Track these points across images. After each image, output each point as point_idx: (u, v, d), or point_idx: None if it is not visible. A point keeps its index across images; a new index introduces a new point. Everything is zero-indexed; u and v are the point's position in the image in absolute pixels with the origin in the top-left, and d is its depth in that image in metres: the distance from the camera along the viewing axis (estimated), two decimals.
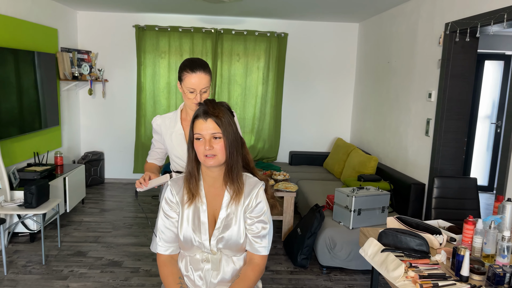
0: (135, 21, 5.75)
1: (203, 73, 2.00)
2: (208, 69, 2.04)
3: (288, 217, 4.09)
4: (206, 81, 2.02)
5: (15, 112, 4.10)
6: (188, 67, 2.00)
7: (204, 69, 2.01)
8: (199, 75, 1.99)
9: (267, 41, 5.85)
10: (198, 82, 1.99)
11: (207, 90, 2.05)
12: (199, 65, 2.00)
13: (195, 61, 2.02)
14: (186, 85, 2.01)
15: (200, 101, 1.99)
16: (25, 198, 3.39)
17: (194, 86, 2.00)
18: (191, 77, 1.99)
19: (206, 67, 2.03)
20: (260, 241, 1.57)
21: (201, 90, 2.02)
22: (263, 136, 6.09)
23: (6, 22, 4.03)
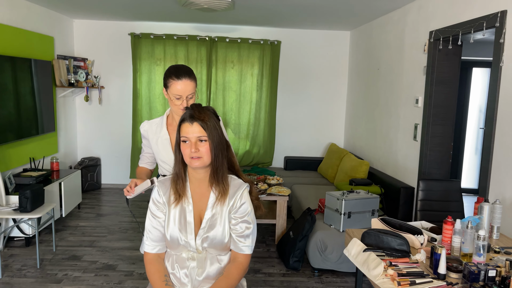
0: (131, 29, 5.85)
1: (188, 79, 2.06)
2: (193, 76, 2.10)
3: (281, 221, 4.15)
4: (192, 87, 2.08)
5: (12, 118, 4.18)
6: (173, 74, 2.06)
7: (189, 76, 2.07)
8: (185, 82, 2.05)
9: (261, 48, 5.95)
10: (184, 89, 2.05)
11: (193, 96, 2.11)
12: (185, 72, 2.06)
13: (180, 68, 2.07)
14: (172, 91, 2.06)
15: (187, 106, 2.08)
16: (20, 203, 3.45)
17: (180, 93, 2.05)
18: (177, 84, 2.04)
19: (191, 73, 2.09)
20: (244, 240, 1.64)
21: (187, 96, 2.07)
22: (258, 142, 6.17)
23: (3, 30, 4.11)
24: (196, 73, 5.90)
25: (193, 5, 4.18)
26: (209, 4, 4.14)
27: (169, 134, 2.19)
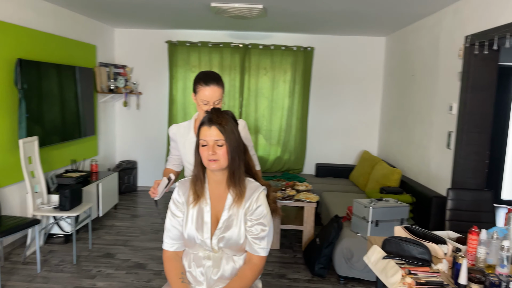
0: (168, 37, 6.06)
1: (216, 86, 2.13)
2: (221, 82, 2.17)
3: (309, 227, 4.15)
4: (219, 94, 2.15)
5: (57, 122, 4.45)
6: (202, 80, 2.14)
7: (217, 82, 2.13)
8: (213, 88, 2.12)
9: (294, 55, 5.98)
10: (211, 95, 2.12)
11: (220, 101, 2.17)
12: (213, 78, 2.13)
13: (208, 74, 2.15)
14: (200, 97, 2.14)
15: None
16: (60, 201, 3.66)
17: (208, 98, 2.12)
18: (205, 89, 2.12)
19: (219, 80, 2.16)
20: (259, 242, 1.67)
21: (214, 102, 2.14)
22: (289, 148, 6.19)
23: (50, 39, 4.40)
24: (229, 79, 6.02)
25: (226, 12, 4.29)
26: (241, 11, 4.23)
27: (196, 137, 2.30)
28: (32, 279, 3.33)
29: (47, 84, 4.22)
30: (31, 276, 3.38)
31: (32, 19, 4.12)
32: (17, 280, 3.30)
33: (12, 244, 3.90)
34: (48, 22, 4.39)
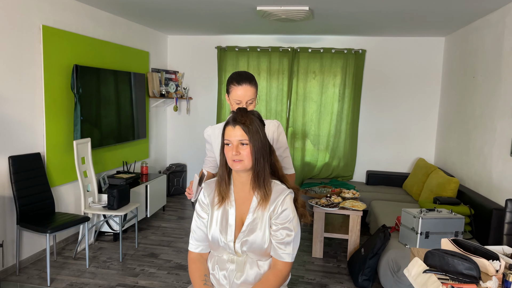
0: (218, 42, 6.15)
1: (248, 85, 2.10)
2: (254, 82, 2.14)
3: (354, 237, 3.97)
4: (251, 93, 2.11)
5: (114, 125, 4.66)
6: (234, 80, 2.11)
7: (249, 82, 2.10)
8: (245, 88, 2.09)
9: (344, 58, 5.82)
10: (243, 94, 2.09)
11: (253, 101, 2.14)
12: (245, 78, 2.10)
13: (241, 74, 2.12)
14: (233, 97, 2.11)
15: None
16: (108, 201, 3.80)
17: (240, 98, 2.09)
18: (237, 89, 2.09)
19: (252, 79, 2.13)
20: (284, 247, 1.60)
21: (247, 101, 2.11)
22: (338, 154, 6.00)
23: (106, 46, 4.63)
24: (277, 84, 5.98)
25: (272, 16, 4.26)
26: (287, 14, 4.18)
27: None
28: (80, 274, 3.48)
29: (101, 89, 4.43)
30: (79, 271, 3.53)
31: (90, 28, 4.36)
32: (66, 274, 3.46)
33: (66, 240, 4.12)
34: (104, 30, 4.63)
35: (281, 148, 2.20)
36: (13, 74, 3.40)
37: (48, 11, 3.74)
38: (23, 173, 3.44)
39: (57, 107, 3.87)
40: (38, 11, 3.62)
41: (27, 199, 3.42)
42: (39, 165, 3.61)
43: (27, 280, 3.34)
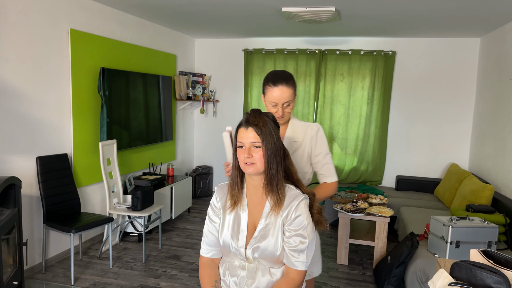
0: (244, 45, 6.14)
1: (285, 86, 1.93)
2: (291, 82, 1.96)
3: (381, 244, 3.83)
4: (288, 95, 1.94)
5: (137, 127, 4.73)
6: (270, 80, 1.96)
7: (286, 82, 1.93)
8: (281, 89, 1.92)
9: (373, 60, 5.67)
10: (279, 96, 1.93)
11: (290, 103, 1.97)
12: (281, 78, 1.94)
13: (277, 74, 1.96)
14: (268, 98, 1.97)
15: (282, 115, 1.96)
16: (132, 202, 3.84)
17: (276, 100, 1.94)
18: (273, 90, 1.93)
19: (289, 79, 1.95)
20: (298, 255, 1.53)
21: (284, 103, 1.95)
22: (367, 158, 5.85)
23: (133, 49, 4.70)
24: (304, 86, 5.89)
25: (297, 17, 4.20)
26: (312, 15, 4.11)
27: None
28: (104, 274, 3.52)
29: (128, 91, 4.50)
30: (103, 271, 3.58)
31: (117, 31, 4.44)
32: (90, 274, 3.52)
33: (92, 239, 4.19)
34: (131, 34, 4.71)
35: (321, 154, 2.03)
36: (42, 77, 3.50)
37: (76, 15, 3.83)
38: (50, 173, 3.53)
39: (84, 109, 3.96)
40: (66, 15, 3.72)
41: (53, 198, 3.51)
42: (66, 166, 3.69)
43: (52, 278, 3.41)
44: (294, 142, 2.03)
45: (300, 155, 2.04)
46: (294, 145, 2.04)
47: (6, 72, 3.16)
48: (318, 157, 2.04)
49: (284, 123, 2.05)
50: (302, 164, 2.04)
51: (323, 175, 2.06)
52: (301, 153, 2.04)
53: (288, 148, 2.01)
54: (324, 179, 2.06)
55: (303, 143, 2.03)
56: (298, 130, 2.04)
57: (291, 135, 2.04)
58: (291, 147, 2.03)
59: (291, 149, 2.03)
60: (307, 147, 2.03)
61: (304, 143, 2.03)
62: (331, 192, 2.06)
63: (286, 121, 2.04)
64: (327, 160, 2.05)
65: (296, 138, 2.04)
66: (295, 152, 2.02)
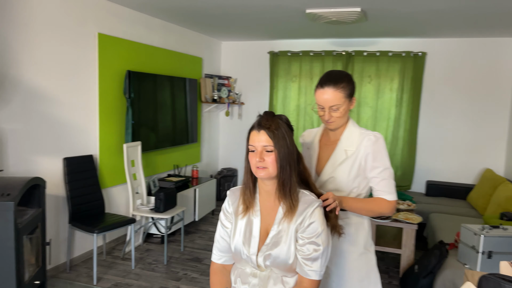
0: (270, 47, 6.10)
1: (332, 88, 1.76)
2: (342, 85, 1.77)
3: (408, 252, 3.68)
4: (336, 98, 1.76)
5: (162, 129, 4.79)
6: (320, 81, 1.82)
7: (334, 85, 1.76)
8: (327, 91, 1.77)
9: (402, 61, 5.49)
10: (325, 99, 1.78)
11: (339, 108, 1.77)
12: (330, 79, 1.78)
13: (329, 75, 1.81)
14: (316, 100, 1.84)
15: (329, 120, 1.79)
16: (155, 203, 3.87)
17: (321, 103, 1.79)
18: (319, 93, 1.80)
19: (339, 82, 1.77)
20: (311, 264, 1.47)
21: (331, 107, 1.77)
22: (395, 162, 5.67)
23: (158, 52, 4.75)
24: None
25: (322, 18, 4.12)
26: (337, 16, 4.02)
27: (319, 148, 1.94)
28: (126, 275, 3.55)
29: (154, 94, 4.55)
30: (125, 272, 3.62)
31: (143, 34, 4.50)
32: (113, 274, 3.56)
33: (116, 239, 4.25)
34: (157, 37, 4.76)
35: (377, 168, 1.77)
36: (70, 80, 3.58)
37: (103, 19, 3.91)
38: (76, 174, 3.60)
39: (110, 111, 4.02)
40: (94, 20, 3.80)
41: (79, 199, 3.57)
42: (91, 167, 3.76)
43: (76, 278, 3.47)
44: (346, 151, 1.81)
45: (348, 166, 1.80)
46: (344, 155, 1.82)
47: (35, 75, 3.25)
48: (375, 171, 1.78)
49: (338, 129, 1.86)
50: (349, 178, 1.81)
51: (380, 191, 1.79)
52: (349, 165, 1.80)
53: (337, 158, 1.82)
54: (378, 194, 1.80)
55: (356, 154, 1.79)
56: (353, 138, 1.82)
57: (344, 142, 1.83)
58: (340, 156, 1.82)
59: (340, 158, 1.81)
60: (359, 158, 1.79)
61: (356, 154, 1.79)
62: (384, 210, 1.78)
63: (338, 127, 1.84)
64: (385, 175, 1.77)
65: (349, 147, 1.81)
66: (343, 163, 1.80)
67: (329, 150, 1.90)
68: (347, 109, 1.82)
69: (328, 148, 1.91)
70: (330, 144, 1.91)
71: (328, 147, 1.91)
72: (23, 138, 3.18)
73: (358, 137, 1.82)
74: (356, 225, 1.87)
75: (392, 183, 1.80)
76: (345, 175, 1.82)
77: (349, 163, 1.81)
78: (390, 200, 1.78)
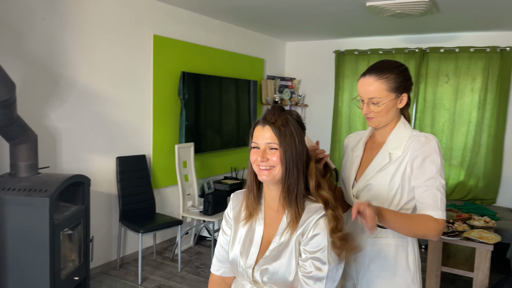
0: (336, 46, 5.78)
1: (372, 78, 1.51)
2: (387, 75, 1.51)
3: (481, 275, 3.16)
4: (376, 90, 1.51)
5: (219, 130, 4.79)
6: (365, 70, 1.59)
7: (376, 74, 1.51)
8: (366, 80, 1.53)
9: (486, 58, 4.84)
10: (363, 89, 1.55)
11: (379, 102, 1.51)
12: (375, 67, 1.55)
13: (377, 63, 1.58)
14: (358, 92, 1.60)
15: (367, 114, 1.56)
16: (204, 206, 3.81)
17: (360, 93, 1.57)
18: (360, 81, 1.57)
19: (384, 71, 1.52)
20: (313, 284, 1.22)
21: (370, 99, 1.53)
22: (477, 172, 5.00)
23: (216, 54, 4.72)
24: None
25: (384, 11, 3.76)
26: (402, 8, 3.63)
27: (363, 151, 1.68)
28: (171, 277, 3.53)
29: (210, 95, 4.52)
30: (171, 274, 3.59)
31: (201, 36, 4.50)
32: (159, 275, 3.55)
33: (169, 240, 4.27)
34: (216, 38, 4.73)
35: (423, 176, 1.46)
36: (125, 81, 3.67)
37: (160, 21, 3.96)
38: (129, 173, 3.67)
39: (164, 112, 4.06)
40: (150, 22, 3.86)
41: (130, 198, 3.64)
42: (144, 167, 3.81)
43: (124, 275, 3.52)
44: (390, 154, 1.54)
45: (390, 173, 1.52)
46: (388, 158, 1.55)
47: (90, 75, 3.38)
48: (419, 179, 1.47)
49: (384, 129, 1.60)
50: (390, 187, 1.52)
51: (422, 204, 1.46)
52: (392, 171, 1.52)
53: (380, 162, 1.55)
54: (424, 210, 1.45)
55: (401, 158, 1.52)
56: (401, 140, 1.54)
57: (390, 144, 1.56)
58: (383, 160, 1.55)
59: (382, 163, 1.54)
60: (404, 163, 1.51)
61: (402, 158, 1.51)
62: (429, 231, 1.42)
63: (380, 125, 1.58)
64: (432, 185, 1.45)
65: (395, 150, 1.54)
66: (385, 168, 1.53)
67: (374, 154, 1.62)
68: (392, 106, 1.53)
69: (373, 152, 1.63)
70: (375, 147, 1.64)
71: (373, 151, 1.64)
72: (77, 137, 3.31)
73: (408, 139, 1.53)
74: (396, 249, 1.55)
75: (439, 196, 1.45)
76: (385, 183, 1.53)
77: (392, 169, 1.52)
78: (437, 218, 1.43)
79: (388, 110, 1.53)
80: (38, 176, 2.56)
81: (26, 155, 2.52)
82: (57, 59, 3.13)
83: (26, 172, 2.53)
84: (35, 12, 2.96)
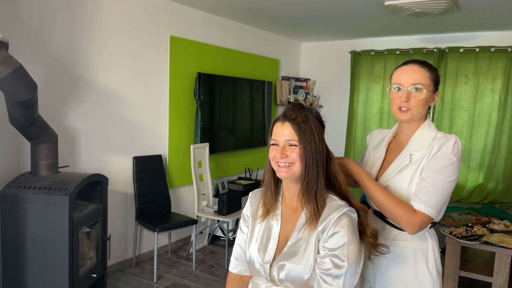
0: (352, 47, 5.74)
1: (416, 65, 1.49)
2: (430, 68, 1.51)
3: (501, 280, 3.10)
4: (422, 76, 1.47)
5: (234, 131, 4.79)
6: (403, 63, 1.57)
7: (419, 63, 1.51)
8: (411, 68, 1.49)
9: (508, 57, 4.74)
10: (407, 75, 1.48)
11: (423, 88, 1.46)
12: (415, 60, 1.55)
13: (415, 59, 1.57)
14: (393, 80, 1.53)
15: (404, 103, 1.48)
16: (218, 206, 3.82)
17: (400, 80, 1.49)
18: (400, 70, 1.52)
19: (425, 63, 1.52)
20: (331, 281, 1.22)
21: (413, 85, 1.46)
22: (496, 175, 4.90)
23: (231, 54, 4.73)
24: None
25: (403, 10, 3.71)
26: (421, 7, 3.58)
27: (386, 152, 1.64)
28: (185, 276, 3.55)
29: (225, 96, 4.54)
30: (186, 273, 3.62)
31: (216, 37, 4.52)
32: (173, 274, 3.58)
33: (184, 239, 4.30)
34: (231, 39, 4.75)
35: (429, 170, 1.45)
36: (142, 82, 3.71)
37: (176, 22, 3.99)
38: (145, 173, 3.71)
39: (179, 112, 4.09)
40: (167, 23, 3.89)
41: (146, 197, 3.68)
42: (160, 167, 3.85)
43: (140, 273, 3.56)
44: (411, 155, 1.51)
45: (409, 174, 1.49)
46: (408, 159, 1.52)
47: (108, 77, 3.42)
48: (424, 173, 1.46)
49: (408, 128, 1.56)
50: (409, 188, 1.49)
51: (412, 194, 1.47)
52: (411, 172, 1.49)
53: (400, 162, 1.52)
54: (411, 199, 1.46)
55: (421, 159, 1.49)
56: (424, 141, 1.51)
57: (412, 145, 1.53)
58: (404, 161, 1.52)
59: (403, 163, 1.51)
60: (422, 164, 1.48)
61: (421, 159, 1.48)
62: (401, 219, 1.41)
63: (413, 120, 1.53)
64: (431, 179, 1.43)
65: (416, 151, 1.50)
66: (404, 169, 1.51)
67: (396, 155, 1.60)
68: (428, 100, 1.51)
69: (395, 154, 1.61)
70: (398, 149, 1.61)
71: (395, 153, 1.61)
72: (95, 137, 3.36)
73: (431, 140, 1.50)
74: (415, 252, 1.52)
75: (431, 190, 1.41)
76: (404, 185, 1.51)
77: (411, 170, 1.50)
78: (416, 209, 1.42)
79: (425, 102, 1.50)
80: (58, 175, 2.61)
81: (47, 154, 2.57)
82: (76, 61, 3.18)
83: (47, 171, 2.58)
84: (55, 14, 3.01)
